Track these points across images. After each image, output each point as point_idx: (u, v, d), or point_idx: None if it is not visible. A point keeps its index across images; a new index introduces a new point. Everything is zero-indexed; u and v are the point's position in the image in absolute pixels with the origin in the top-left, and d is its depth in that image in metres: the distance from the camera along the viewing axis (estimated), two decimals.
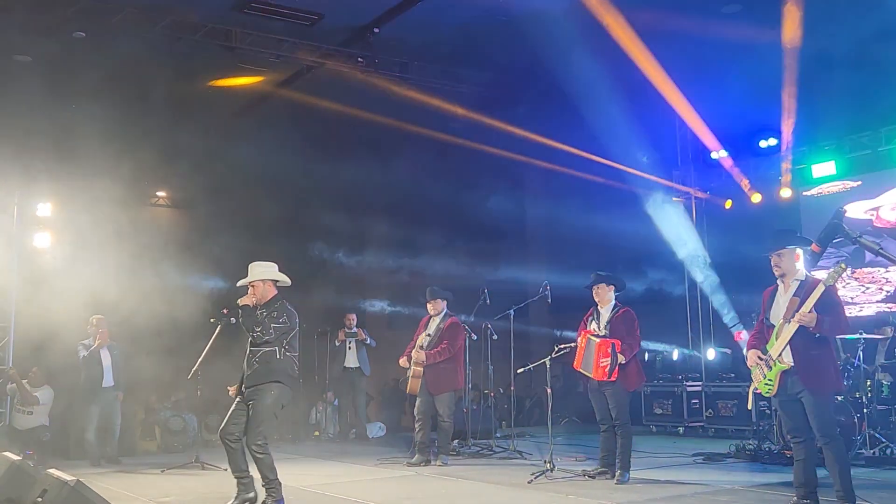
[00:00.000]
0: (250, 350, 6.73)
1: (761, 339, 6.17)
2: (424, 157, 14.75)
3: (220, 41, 11.64)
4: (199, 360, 9.66)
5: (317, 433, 13.13)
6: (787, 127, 11.97)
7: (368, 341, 12.86)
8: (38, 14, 10.63)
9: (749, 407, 6.94)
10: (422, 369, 9.37)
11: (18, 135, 11.13)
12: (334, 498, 7.26)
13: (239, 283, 6.99)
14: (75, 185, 11.14)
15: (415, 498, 7.22)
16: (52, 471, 5.74)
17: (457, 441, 10.48)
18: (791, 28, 10.44)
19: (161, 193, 16.56)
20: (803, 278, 6.04)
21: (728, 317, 13.21)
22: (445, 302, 9.70)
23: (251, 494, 6.63)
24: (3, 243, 10.85)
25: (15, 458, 6.36)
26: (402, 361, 9.63)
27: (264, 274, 6.88)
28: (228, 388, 6.99)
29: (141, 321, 10.57)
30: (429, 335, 9.53)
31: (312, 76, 12.97)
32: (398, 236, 16.75)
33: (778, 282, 6.16)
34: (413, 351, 9.55)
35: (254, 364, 6.67)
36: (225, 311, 7.06)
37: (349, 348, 12.83)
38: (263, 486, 6.50)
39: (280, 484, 6.54)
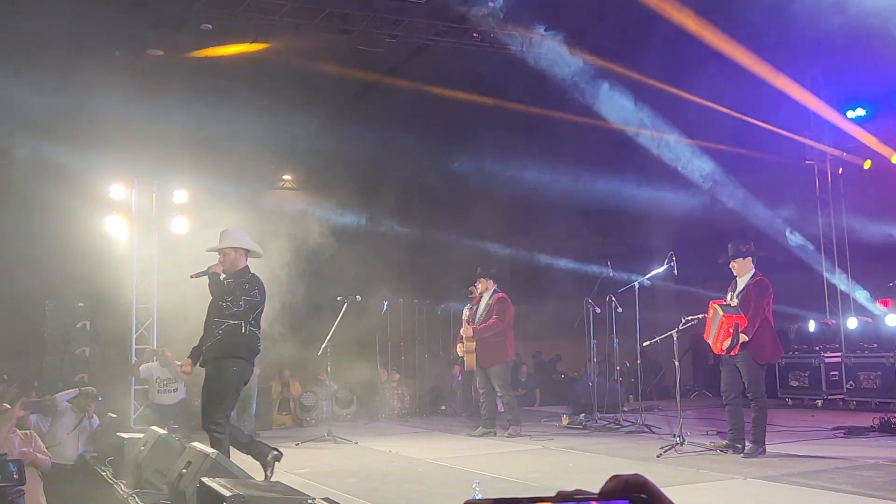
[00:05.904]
0: (214, 321, 6.26)
1: None
2: (546, 134, 14.58)
3: (337, 25, 11.86)
4: (328, 336, 10.00)
5: (443, 407, 13.34)
6: None
7: None
8: (169, 8, 11.13)
9: None
10: (473, 345, 9.68)
11: (154, 127, 11.72)
12: (462, 471, 7.35)
13: (208, 250, 6.55)
14: (208, 172, 11.65)
15: (541, 471, 7.22)
16: (195, 444, 6.05)
17: (583, 415, 10.43)
18: None
19: (287, 177, 17.10)
20: None
21: (869, 284, 12.50)
22: (491, 280, 9.92)
23: (275, 453, 6.28)
24: (145, 229, 11.50)
25: (162, 432, 6.79)
26: (459, 349, 10.00)
27: (236, 241, 6.39)
28: (178, 362, 6.34)
29: (274, 301, 10.98)
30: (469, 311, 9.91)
31: (428, 54, 13.03)
32: (519, 217, 16.69)
33: None
34: (462, 328, 9.92)
35: (216, 335, 6.23)
36: (192, 275, 6.41)
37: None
38: None
39: None
